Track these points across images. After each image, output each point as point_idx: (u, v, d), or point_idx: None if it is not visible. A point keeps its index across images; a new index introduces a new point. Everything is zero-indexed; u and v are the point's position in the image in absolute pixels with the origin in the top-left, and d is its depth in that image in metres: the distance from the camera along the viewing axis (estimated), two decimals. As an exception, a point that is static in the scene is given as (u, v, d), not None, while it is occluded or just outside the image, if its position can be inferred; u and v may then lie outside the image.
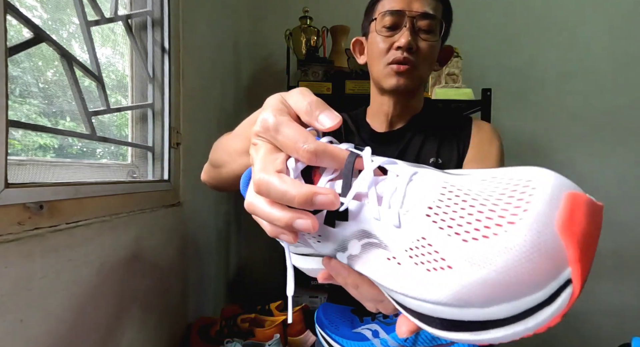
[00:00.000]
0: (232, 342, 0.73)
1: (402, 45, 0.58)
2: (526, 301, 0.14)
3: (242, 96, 1.46)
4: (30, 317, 0.39)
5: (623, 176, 1.45)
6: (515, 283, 0.14)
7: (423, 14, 0.58)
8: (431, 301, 0.18)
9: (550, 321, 0.14)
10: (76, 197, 0.46)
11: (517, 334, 0.15)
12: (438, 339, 0.47)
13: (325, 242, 0.23)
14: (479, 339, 0.16)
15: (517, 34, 1.46)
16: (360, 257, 0.21)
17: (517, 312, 0.15)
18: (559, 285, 0.14)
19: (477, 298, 0.16)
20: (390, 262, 0.20)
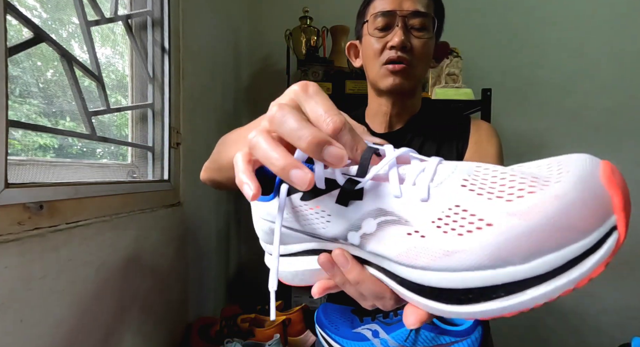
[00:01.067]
0: (232, 342, 0.73)
1: (396, 44, 0.59)
2: (572, 248, 0.14)
3: (242, 96, 1.46)
4: (30, 317, 0.39)
5: (623, 175, 1.45)
6: (565, 228, 0.14)
7: (414, 12, 0.59)
8: (462, 268, 0.17)
9: (595, 270, 0.14)
10: (76, 197, 0.46)
11: (557, 289, 0.14)
12: (438, 339, 0.47)
13: (336, 222, 0.22)
14: (509, 305, 0.16)
15: (517, 34, 1.46)
16: (375, 235, 0.21)
17: (561, 264, 0.14)
18: (606, 231, 0.14)
19: (519, 252, 0.15)
20: (412, 237, 0.19)
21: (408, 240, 0.19)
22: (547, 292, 0.15)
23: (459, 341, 0.47)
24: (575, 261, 0.14)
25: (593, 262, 0.14)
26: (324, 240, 0.24)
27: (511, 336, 1.48)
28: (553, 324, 1.47)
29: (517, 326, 1.48)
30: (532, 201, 0.15)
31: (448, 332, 0.47)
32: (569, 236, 0.14)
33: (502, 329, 1.45)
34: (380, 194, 0.21)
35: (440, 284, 0.18)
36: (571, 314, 1.46)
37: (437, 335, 0.47)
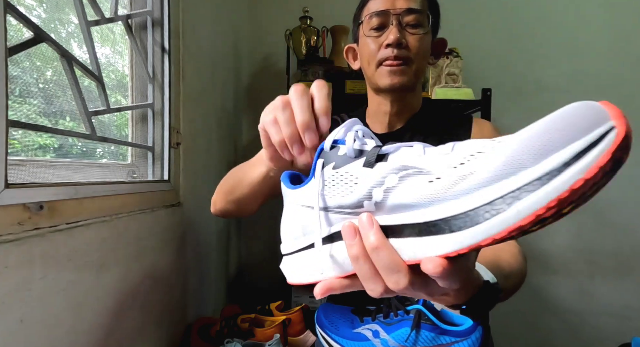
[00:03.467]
0: (232, 342, 0.73)
1: (391, 42, 0.59)
2: (578, 144, 0.16)
3: (242, 96, 1.46)
4: (30, 317, 0.39)
5: (623, 176, 1.45)
6: (567, 128, 0.16)
7: (408, 10, 0.59)
8: (480, 185, 0.18)
9: (601, 158, 0.15)
10: (76, 197, 0.46)
11: (572, 177, 0.16)
12: (439, 339, 0.47)
13: (362, 183, 0.25)
14: (529, 203, 0.16)
15: (517, 34, 1.46)
16: (397, 187, 0.23)
17: (570, 157, 0.16)
18: (606, 130, 0.16)
19: (531, 153, 0.17)
20: (433, 183, 0.21)
21: (429, 185, 0.21)
22: (561, 183, 0.16)
23: (459, 341, 0.47)
24: (582, 153, 0.16)
25: (598, 151, 0.16)
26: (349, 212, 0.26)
27: (511, 336, 1.48)
28: (553, 324, 1.47)
29: (517, 326, 1.48)
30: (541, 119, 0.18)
31: (448, 332, 0.47)
32: (571, 134, 0.16)
33: (503, 329, 1.45)
34: (404, 155, 0.24)
35: (462, 209, 0.19)
36: (571, 314, 1.46)
37: (437, 335, 0.47)
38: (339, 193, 0.26)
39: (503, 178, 0.18)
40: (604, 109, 0.16)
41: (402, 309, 0.51)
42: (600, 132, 0.16)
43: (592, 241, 1.45)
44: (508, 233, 0.17)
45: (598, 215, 1.46)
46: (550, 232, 1.47)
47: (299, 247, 0.31)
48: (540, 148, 0.17)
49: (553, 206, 0.16)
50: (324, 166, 0.28)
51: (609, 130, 0.16)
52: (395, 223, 0.23)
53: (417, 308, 0.49)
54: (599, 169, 0.16)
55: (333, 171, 0.27)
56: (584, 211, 1.52)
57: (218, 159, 1.13)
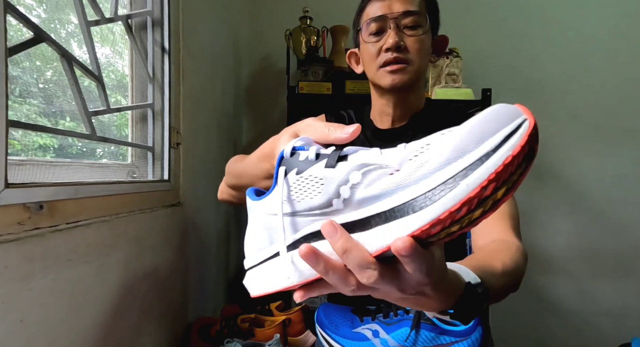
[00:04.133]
0: (232, 342, 0.73)
1: (390, 45, 0.60)
2: (505, 130, 0.21)
3: (242, 96, 1.46)
4: (30, 317, 0.39)
5: (623, 176, 1.45)
6: (499, 118, 0.22)
7: (404, 13, 0.60)
8: (434, 168, 0.22)
9: (521, 139, 0.20)
10: (76, 197, 0.46)
11: (504, 154, 0.21)
12: (438, 339, 0.47)
13: (328, 183, 0.27)
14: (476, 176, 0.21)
15: (517, 34, 1.46)
16: (362, 182, 0.25)
17: (501, 140, 0.21)
18: (521, 120, 0.21)
19: (472, 140, 0.22)
20: (394, 175, 0.24)
21: (391, 177, 0.24)
22: (496, 159, 0.21)
23: (459, 341, 0.47)
24: (508, 137, 0.21)
25: (519, 135, 0.21)
26: (318, 214, 0.27)
27: (511, 336, 1.48)
28: (553, 324, 1.47)
29: (517, 326, 1.48)
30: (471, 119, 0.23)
31: (448, 332, 0.47)
32: (500, 124, 0.21)
33: (503, 330, 1.45)
34: (362, 155, 0.27)
35: (422, 191, 0.23)
36: (571, 315, 1.46)
37: (437, 335, 0.47)
38: (308, 195, 0.28)
39: (453, 161, 0.22)
40: (519, 108, 0.22)
41: (402, 309, 0.51)
42: (518, 122, 0.21)
43: (592, 241, 1.45)
44: (461, 204, 0.21)
45: (598, 215, 1.46)
46: (551, 233, 1.47)
47: (264, 258, 0.31)
48: (479, 135, 0.22)
49: (492, 178, 0.20)
50: (287, 173, 0.29)
51: (523, 121, 0.21)
52: (363, 216, 0.25)
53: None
54: (520, 148, 0.20)
55: (297, 176, 0.29)
56: (584, 211, 1.52)
57: (218, 159, 1.13)
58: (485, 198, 0.21)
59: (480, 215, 0.22)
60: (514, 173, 0.21)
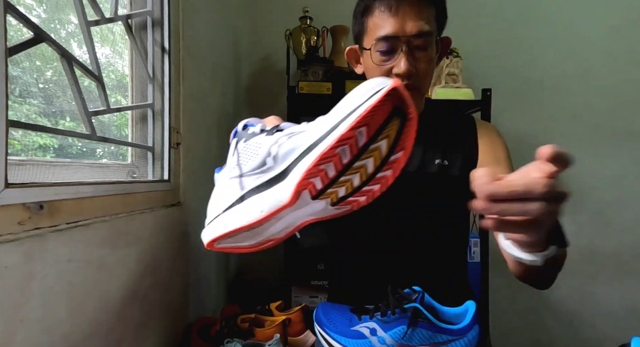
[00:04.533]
0: (232, 342, 0.73)
1: (402, 72, 0.57)
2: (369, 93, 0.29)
3: (242, 96, 1.46)
4: (30, 317, 0.39)
5: (623, 176, 1.45)
6: (368, 89, 0.29)
7: (418, 35, 0.57)
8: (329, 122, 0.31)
9: (381, 94, 0.28)
10: (76, 197, 0.46)
11: (362, 109, 0.28)
12: (435, 337, 0.47)
13: (263, 147, 0.35)
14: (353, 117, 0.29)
15: (517, 34, 1.46)
16: (285, 142, 0.34)
17: (364, 100, 0.29)
18: (385, 85, 0.28)
19: (352, 100, 0.30)
20: (304, 132, 0.33)
21: (302, 134, 0.33)
22: (361, 110, 0.28)
23: (456, 339, 0.47)
24: (369, 98, 0.29)
25: (378, 95, 0.28)
26: (257, 173, 0.35)
27: (511, 336, 1.48)
28: (553, 323, 1.47)
29: (517, 326, 1.48)
30: None
31: (445, 330, 0.47)
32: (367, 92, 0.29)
33: (503, 329, 1.45)
34: (293, 127, 0.36)
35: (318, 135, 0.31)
36: (571, 314, 1.46)
37: (434, 333, 0.47)
38: (249, 158, 0.36)
39: (339, 114, 0.30)
40: (388, 79, 0.28)
41: (399, 307, 0.51)
42: (383, 85, 0.28)
43: (592, 241, 1.46)
44: (340, 138, 0.29)
45: (598, 215, 1.46)
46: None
47: (222, 210, 0.37)
48: (356, 98, 0.29)
49: (360, 121, 0.27)
50: (237, 143, 0.38)
51: (386, 85, 0.27)
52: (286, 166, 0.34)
53: (414, 306, 0.49)
54: (378, 101, 0.27)
55: (244, 144, 0.37)
56: (584, 211, 1.52)
57: (218, 159, 1.13)
58: (365, 145, 0.29)
59: (375, 170, 0.30)
60: (384, 126, 0.28)
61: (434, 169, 0.65)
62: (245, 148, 0.37)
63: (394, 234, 0.67)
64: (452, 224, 0.69)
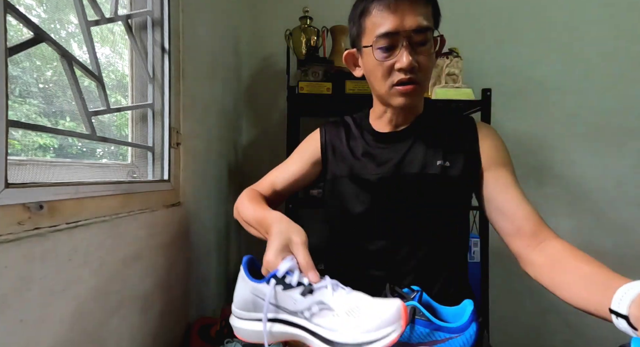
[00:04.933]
0: (232, 342, 0.73)
1: (405, 66, 0.58)
2: (388, 329, 0.41)
3: (242, 96, 1.46)
4: (30, 317, 0.39)
5: (623, 176, 1.45)
6: (389, 319, 0.41)
7: (418, 29, 0.57)
8: (355, 331, 0.42)
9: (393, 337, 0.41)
10: (76, 197, 0.46)
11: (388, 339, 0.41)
12: (433, 335, 0.47)
13: (300, 303, 0.46)
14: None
15: (517, 34, 1.47)
16: (317, 313, 0.45)
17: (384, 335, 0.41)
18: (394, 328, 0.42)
19: (374, 325, 0.41)
20: (335, 317, 0.44)
21: (333, 318, 0.44)
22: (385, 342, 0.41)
23: (454, 337, 0.47)
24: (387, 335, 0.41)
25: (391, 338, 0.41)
26: (289, 313, 0.47)
27: (512, 336, 1.48)
28: (553, 323, 1.47)
29: (517, 326, 1.48)
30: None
31: (443, 328, 0.47)
32: (388, 322, 0.41)
33: (503, 329, 1.45)
34: (322, 293, 0.45)
35: (342, 340, 0.43)
36: (571, 314, 1.46)
37: (432, 331, 0.47)
38: (284, 304, 0.47)
39: (361, 335, 0.42)
40: (401, 317, 0.42)
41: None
42: (393, 328, 0.41)
43: (592, 241, 1.45)
44: None
45: (598, 215, 1.46)
46: (550, 232, 1.47)
47: (249, 318, 0.50)
48: (378, 324, 0.41)
49: None
50: (276, 284, 0.46)
51: (394, 330, 0.41)
52: (314, 330, 0.45)
53: (412, 304, 0.49)
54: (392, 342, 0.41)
55: (281, 291, 0.46)
56: (584, 211, 1.52)
57: (218, 159, 1.13)
58: None
59: None
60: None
61: (435, 170, 0.65)
62: (281, 294, 0.46)
63: (395, 234, 0.67)
64: (452, 224, 0.69)
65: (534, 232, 0.59)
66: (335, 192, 0.73)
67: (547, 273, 0.56)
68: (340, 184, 0.71)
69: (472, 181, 0.66)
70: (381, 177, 0.67)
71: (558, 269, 0.54)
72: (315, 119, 1.49)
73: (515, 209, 0.61)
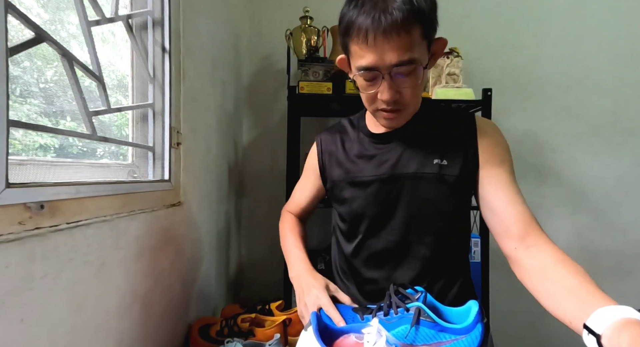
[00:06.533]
0: (232, 342, 0.73)
1: (385, 100, 0.58)
2: None
3: (242, 96, 1.46)
4: (30, 317, 0.39)
5: (623, 175, 1.45)
6: None
7: (398, 64, 0.54)
8: None
9: None
10: (77, 197, 0.46)
11: None
12: (438, 336, 0.47)
13: None
14: None
15: (517, 34, 1.47)
16: None
17: None
18: None
19: None
20: None
21: None
22: None
23: (459, 338, 0.47)
24: None
25: None
26: None
27: (512, 336, 1.48)
28: (553, 324, 1.47)
29: (517, 326, 1.48)
30: None
31: (448, 330, 0.47)
32: None
33: (503, 329, 1.45)
34: None
35: None
36: (571, 314, 1.46)
37: (437, 332, 0.47)
38: None
39: None
40: None
41: (402, 306, 0.51)
42: None
43: (592, 241, 1.46)
44: None
45: (598, 215, 1.46)
46: (551, 233, 1.46)
47: None
48: None
49: None
50: None
51: None
52: None
53: (417, 305, 0.49)
54: None
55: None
56: (585, 211, 1.52)
57: (218, 159, 1.13)
58: None
59: None
60: None
61: (433, 169, 0.64)
62: None
63: (396, 235, 0.67)
64: (452, 224, 0.69)
65: (522, 234, 0.58)
66: (335, 197, 0.74)
67: (532, 278, 0.55)
68: (339, 189, 0.72)
69: (471, 179, 0.65)
70: (378, 179, 0.67)
71: (543, 277, 0.53)
72: (316, 119, 1.49)
73: (505, 209, 0.60)
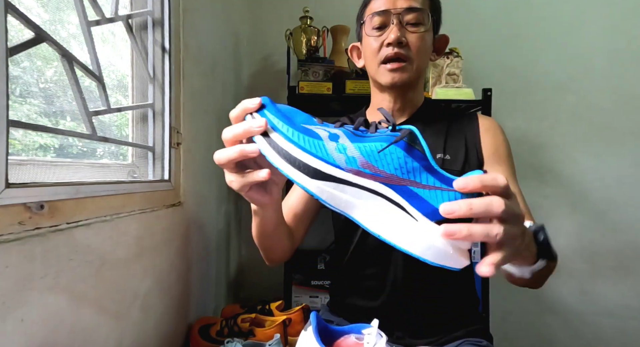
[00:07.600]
0: (232, 342, 0.73)
1: (392, 40, 0.61)
2: None
3: (242, 96, 1.46)
4: (30, 317, 0.39)
5: (623, 176, 1.45)
6: None
7: (408, 9, 0.61)
8: None
9: None
10: (77, 197, 0.46)
11: None
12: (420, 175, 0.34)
13: None
14: None
15: (517, 34, 1.46)
16: None
17: None
18: None
19: None
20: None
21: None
22: None
23: (442, 188, 0.34)
24: None
25: None
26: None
27: (512, 336, 1.48)
28: (553, 324, 1.47)
29: (517, 326, 1.48)
30: None
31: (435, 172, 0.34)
32: None
33: (503, 329, 1.45)
34: None
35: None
36: (571, 314, 1.46)
37: (419, 168, 0.34)
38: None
39: None
40: None
41: (385, 127, 0.38)
42: None
43: (592, 241, 1.45)
44: None
45: (598, 215, 1.46)
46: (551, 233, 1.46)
47: None
48: None
49: None
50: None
51: None
52: None
53: (409, 128, 0.35)
54: None
55: None
56: (585, 211, 1.52)
57: (218, 159, 1.12)
58: None
59: None
60: None
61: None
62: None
63: None
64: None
65: None
66: None
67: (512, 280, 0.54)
68: None
69: None
70: None
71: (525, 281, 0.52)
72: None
73: None
